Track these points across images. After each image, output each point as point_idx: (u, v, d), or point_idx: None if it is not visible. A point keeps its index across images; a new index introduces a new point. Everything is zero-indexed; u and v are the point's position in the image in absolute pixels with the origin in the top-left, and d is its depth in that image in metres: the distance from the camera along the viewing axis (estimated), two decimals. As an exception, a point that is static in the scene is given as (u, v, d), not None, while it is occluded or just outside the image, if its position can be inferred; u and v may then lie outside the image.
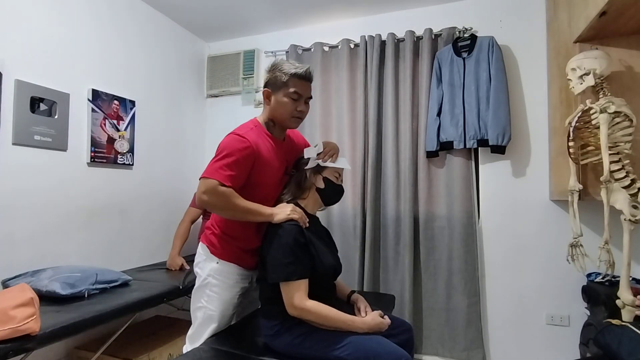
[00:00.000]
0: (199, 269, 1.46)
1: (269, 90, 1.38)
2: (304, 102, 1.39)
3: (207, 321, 1.42)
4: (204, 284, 1.42)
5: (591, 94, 1.66)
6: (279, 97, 1.35)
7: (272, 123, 1.41)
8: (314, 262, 1.28)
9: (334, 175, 1.41)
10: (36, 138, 1.85)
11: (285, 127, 1.45)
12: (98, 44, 2.18)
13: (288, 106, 1.34)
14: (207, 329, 1.42)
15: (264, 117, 1.42)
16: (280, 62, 1.38)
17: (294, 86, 1.33)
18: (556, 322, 2.16)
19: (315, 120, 2.63)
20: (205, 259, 1.44)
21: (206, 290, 1.42)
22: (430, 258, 2.36)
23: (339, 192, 1.45)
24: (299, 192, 1.40)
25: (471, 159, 2.33)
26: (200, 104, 3.05)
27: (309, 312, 1.21)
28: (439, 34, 2.41)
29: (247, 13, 2.64)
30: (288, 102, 1.34)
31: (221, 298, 1.41)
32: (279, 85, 1.34)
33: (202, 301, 1.43)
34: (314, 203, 1.42)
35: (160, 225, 2.59)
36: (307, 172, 1.40)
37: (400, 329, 1.38)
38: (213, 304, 1.41)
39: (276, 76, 1.35)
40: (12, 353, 1.19)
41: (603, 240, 1.50)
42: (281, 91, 1.34)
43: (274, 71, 1.36)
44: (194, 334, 1.45)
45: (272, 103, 1.37)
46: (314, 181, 1.40)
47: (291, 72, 1.33)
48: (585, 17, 1.65)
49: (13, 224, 1.76)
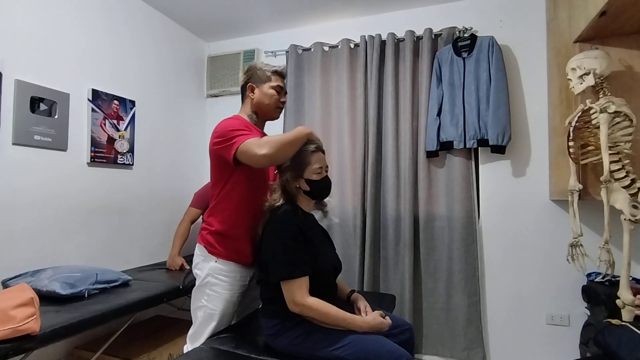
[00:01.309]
0: (198, 270, 1.47)
1: (253, 85, 1.51)
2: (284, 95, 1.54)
3: (207, 320, 1.43)
4: (204, 284, 1.43)
5: (591, 93, 1.65)
6: (264, 89, 1.49)
7: (256, 115, 1.52)
8: (314, 259, 1.28)
9: (315, 173, 1.35)
10: (36, 138, 1.85)
11: (269, 118, 1.55)
12: (98, 44, 2.18)
13: (275, 97, 1.50)
14: (207, 328, 1.42)
15: (247, 111, 1.53)
16: (258, 62, 1.55)
17: (276, 81, 1.50)
18: (556, 321, 2.16)
19: (316, 120, 2.63)
20: (204, 259, 1.45)
21: (206, 290, 1.43)
22: (430, 258, 2.36)
23: (326, 187, 1.41)
24: (289, 197, 1.37)
25: (471, 158, 2.33)
26: (200, 103, 3.05)
27: (310, 309, 1.21)
28: (439, 34, 2.41)
29: (247, 13, 2.64)
30: (274, 93, 1.49)
31: (221, 297, 1.42)
32: (264, 80, 1.50)
33: (202, 300, 1.43)
34: (308, 202, 1.41)
35: (160, 225, 2.59)
36: (288, 178, 1.35)
37: (401, 328, 1.38)
38: (213, 303, 1.42)
39: (259, 72, 1.50)
40: (12, 353, 1.19)
41: (603, 240, 1.50)
42: (266, 84, 1.49)
43: (255, 69, 1.52)
44: (194, 333, 1.45)
45: (257, 95, 1.50)
46: (298, 185, 1.35)
47: (273, 69, 1.51)
48: (585, 16, 1.65)
49: (13, 223, 1.76)
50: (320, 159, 1.37)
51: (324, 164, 1.38)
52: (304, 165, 1.34)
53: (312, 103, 2.67)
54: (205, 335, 1.42)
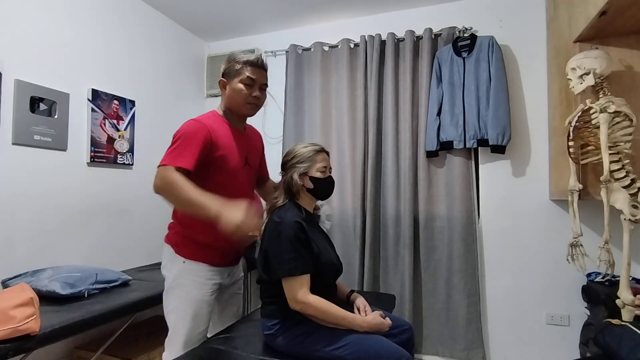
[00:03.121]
0: (166, 271, 1.40)
1: (224, 80, 1.42)
2: (259, 89, 1.41)
3: (181, 323, 1.35)
4: (173, 286, 1.37)
5: (591, 93, 1.65)
6: (233, 85, 1.38)
7: (230, 112, 1.44)
8: (316, 258, 1.28)
9: (320, 171, 1.37)
10: (36, 138, 1.85)
11: (242, 115, 1.46)
12: (98, 43, 2.18)
13: (243, 92, 1.37)
14: (182, 331, 1.35)
15: (222, 107, 1.46)
16: (233, 53, 1.43)
17: (247, 73, 1.37)
18: (556, 321, 2.16)
19: (315, 120, 2.63)
20: (172, 260, 1.39)
21: (176, 291, 1.37)
22: (430, 258, 2.36)
23: (329, 186, 1.42)
24: (292, 195, 1.38)
25: (471, 158, 2.33)
26: (200, 103, 3.05)
27: (311, 307, 1.21)
28: (438, 34, 2.41)
29: (247, 13, 2.63)
30: (242, 87, 1.37)
31: (192, 297, 1.35)
32: (233, 74, 1.39)
33: (172, 304, 1.37)
34: (310, 201, 1.41)
35: (160, 225, 2.55)
36: (293, 175, 1.35)
37: (400, 328, 1.37)
38: (185, 305, 1.35)
39: (230, 66, 1.40)
40: (12, 353, 1.19)
41: (603, 239, 1.50)
42: (235, 78, 1.38)
43: (228, 62, 1.41)
44: (170, 338, 1.37)
45: (228, 91, 1.41)
46: (302, 183, 1.36)
47: (244, 59, 1.38)
48: (585, 16, 1.65)
49: (13, 223, 1.76)
50: (324, 159, 1.39)
51: (328, 164, 1.41)
52: (309, 162, 1.36)
53: (312, 103, 2.67)
54: (182, 339, 1.34)
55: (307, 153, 1.37)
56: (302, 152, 1.38)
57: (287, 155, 1.41)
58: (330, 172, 1.42)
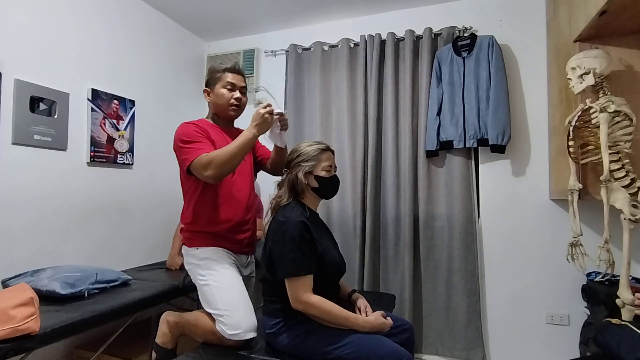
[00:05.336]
0: (189, 266, 1.53)
1: (207, 89, 1.58)
2: (240, 92, 1.57)
3: (218, 288, 1.41)
4: (198, 265, 1.46)
5: (591, 93, 1.65)
6: (216, 90, 1.55)
7: (217, 117, 1.60)
8: (320, 257, 1.28)
9: (325, 170, 1.37)
10: (36, 138, 1.85)
11: (228, 118, 1.60)
12: (98, 43, 2.18)
13: (225, 95, 1.54)
14: (223, 292, 1.40)
15: (209, 114, 1.62)
16: (212, 65, 1.61)
17: (227, 78, 1.54)
18: (556, 321, 2.16)
19: (315, 120, 2.63)
20: (188, 254, 1.53)
21: (202, 271, 1.45)
22: (430, 257, 2.36)
23: (334, 185, 1.42)
24: (296, 194, 1.38)
25: (471, 158, 2.33)
26: (200, 103, 3.03)
27: (314, 307, 1.21)
28: (438, 34, 2.41)
29: (247, 13, 2.63)
30: (225, 92, 1.54)
31: (221, 267, 1.45)
32: (214, 81, 1.55)
33: (203, 279, 1.44)
34: (314, 199, 1.41)
35: (160, 225, 2.58)
36: (298, 174, 1.36)
37: (401, 328, 1.38)
38: (215, 277, 1.43)
39: (212, 75, 1.57)
40: (11, 353, 1.19)
41: (603, 239, 1.50)
42: (217, 85, 1.55)
43: (210, 73, 1.59)
44: (210, 301, 1.41)
45: (212, 98, 1.57)
46: (307, 182, 1.36)
47: (223, 67, 1.56)
48: (585, 16, 1.65)
49: (13, 223, 1.76)
50: (330, 157, 1.40)
51: (333, 163, 1.41)
52: (314, 161, 1.36)
53: (312, 103, 2.66)
54: (224, 297, 1.38)
55: (312, 151, 1.37)
56: (307, 150, 1.37)
57: (292, 153, 1.41)
58: (335, 170, 1.42)
